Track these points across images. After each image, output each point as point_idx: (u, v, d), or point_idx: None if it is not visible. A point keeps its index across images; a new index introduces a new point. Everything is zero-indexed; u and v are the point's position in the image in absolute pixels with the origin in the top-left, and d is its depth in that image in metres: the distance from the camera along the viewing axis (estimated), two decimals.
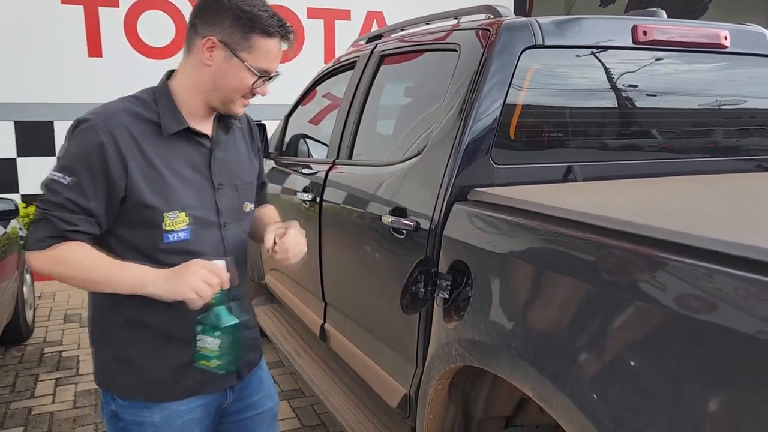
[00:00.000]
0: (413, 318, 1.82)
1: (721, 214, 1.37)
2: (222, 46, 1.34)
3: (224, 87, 1.38)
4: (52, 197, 1.30)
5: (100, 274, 1.31)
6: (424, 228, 1.77)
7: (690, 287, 1.01)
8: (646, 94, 1.99)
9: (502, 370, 1.37)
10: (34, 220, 1.31)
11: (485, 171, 1.75)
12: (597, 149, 1.93)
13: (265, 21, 1.34)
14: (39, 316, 4.54)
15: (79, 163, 1.30)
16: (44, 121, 5.73)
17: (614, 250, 1.16)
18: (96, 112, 1.34)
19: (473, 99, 1.75)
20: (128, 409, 1.42)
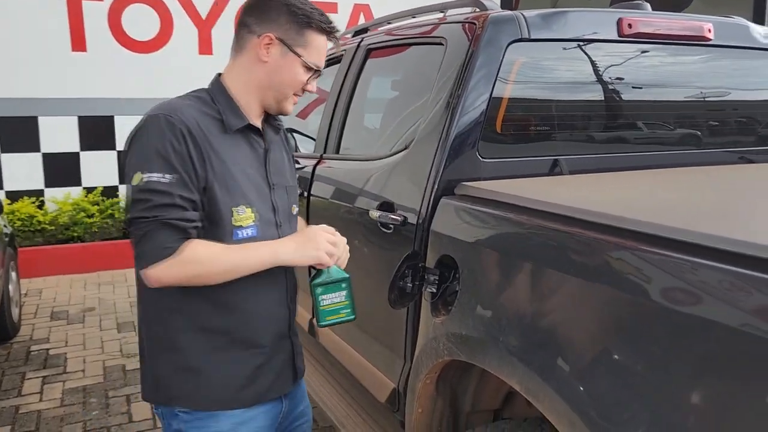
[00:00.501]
0: (401, 313, 1.82)
1: (704, 207, 1.38)
2: (279, 42, 1.38)
3: (279, 83, 1.41)
4: (161, 199, 1.24)
5: (237, 259, 1.32)
6: (412, 222, 1.77)
7: (675, 281, 1.01)
8: (631, 86, 2.00)
9: (490, 365, 1.37)
10: (144, 233, 1.24)
11: (472, 165, 1.74)
12: (583, 142, 1.93)
13: (318, 18, 1.40)
14: (25, 314, 4.50)
15: (172, 158, 1.25)
16: (28, 117, 5.67)
17: (598, 244, 1.17)
18: (164, 108, 1.30)
19: (459, 93, 1.74)
20: (194, 423, 1.39)
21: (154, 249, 1.25)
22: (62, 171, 5.85)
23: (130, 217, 1.26)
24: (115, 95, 5.89)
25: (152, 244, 1.25)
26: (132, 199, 1.26)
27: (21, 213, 5.42)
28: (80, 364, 3.68)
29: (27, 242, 5.42)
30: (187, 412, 1.38)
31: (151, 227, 1.24)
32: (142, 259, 1.26)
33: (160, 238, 1.25)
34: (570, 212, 1.28)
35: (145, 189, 1.24)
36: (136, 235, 1.26)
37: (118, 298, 4.86)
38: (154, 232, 1.24)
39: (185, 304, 1.35)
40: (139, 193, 1.25)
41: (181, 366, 1.37)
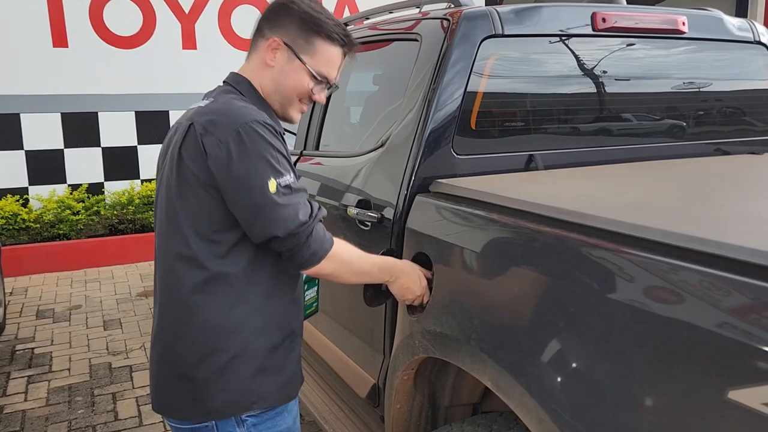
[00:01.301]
0: (380, 309, 1.83)
1: (673, 203, 1.39)
2: (285, 47, 1.39)
3: (284, 88, 1.42)
4: (303, 197, 1.32)
5: (369, 270, 1.49)
6: (389, 219, 1.78)
7: (644, 280, 1.02)
8: (606, 80, 2.01)
9: (463, 362, 1.39)
10: (308, 235, 1.29)
11: (447, 162, 1.75)
12: (558, 137, 1.94)
13: (329, 27, 1.40)
14: (11, 313, 4.49)
15: (287, 158, 1.32)
16: (10, 114, 5.62)
17: (568, 242, 1.18)
18: (250, 113, 1.29)
19: (434, 89, 1.75)
20: (264, 424, 1.39)
21: (320, 245, 1.33)
22: (46, 168, 5.81)
23: (292, 227, 1.28)
24: (99, 91, 5.85)
25: (317, 243, 1.32)
26: (278, 205, 1.26)
27: (4, 211, 5.38)
28: (66, 362, 3.67)
29: (12, 241, 5.39)
30: (255, 415, 1.37)
31: (312, 227, 1.31)
32: (314, 258, 1.33)
33: (320, 234, 1.34)
34: (539, 210, 1.29)
35: (287, 193, 1.28)
36: (301, 241, 1.30)
37: (105, 295, 4.84)
38: (315, 230, 1.32)
39: (264, 305, 1.37)
40: (283, 197, 1.27)
41: (259, 367, 1.36)
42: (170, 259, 1.34)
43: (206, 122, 1.28)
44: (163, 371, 1.39)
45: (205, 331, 1.33)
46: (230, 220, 1.31)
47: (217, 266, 1.32)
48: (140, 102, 6.01)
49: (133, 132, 6.06)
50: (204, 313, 1.32)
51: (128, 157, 6.09)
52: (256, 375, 1.36)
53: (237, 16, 6.25)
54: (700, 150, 2.14)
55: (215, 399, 1.33)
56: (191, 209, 1.31)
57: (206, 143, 1.27)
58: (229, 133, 1.25)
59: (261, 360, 1.37)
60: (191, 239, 1.31)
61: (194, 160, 1.29)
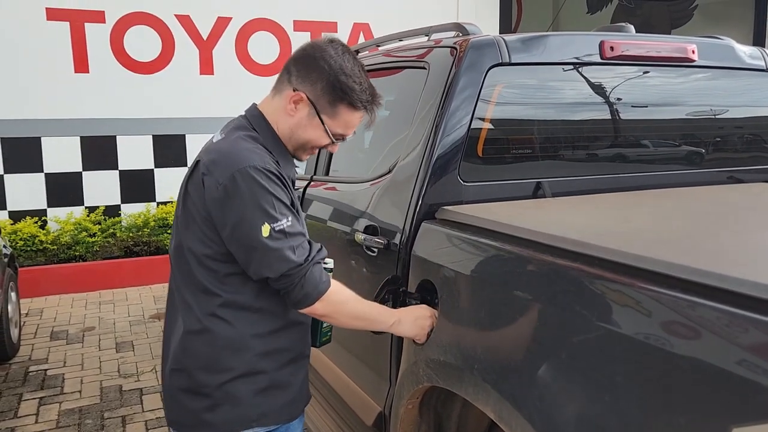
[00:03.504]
0: (386, 336, 1.82)
1: (685, 233, 1.37)
2: (308, 103, 1.41)
3: (299, 138, 1.45)
4: (299, 241, 1.33)
5: (368, 311, 1.49)
6: (395, 245, 1.78)
7: (651, 313, 1.00)
8: (614, 109, 2.01)
9: (466, 392, 1.37)
10: (302, 276, 1.31)
11: (453, 189, 1.75)
12: (566, 164, 1.94)
13: (356, 95, 1.40)
14: (26, 334, 4.52)
15: (283, 201, 1.32)
16: (31, 137, 5.73)
17: (572, 272, 1.17)
18: (250, 157, 1.32)
19: (440, 116, 1.76)
20: None
21: (313, 288, 1.34)
22: (64, 191, 5.90)
23: (284, 269, 1.30)
24: (117, 115, 5.95)
25: (311, 285, 1.34)
26: (270, 248, 1.29)
27: (23, 233, 5.46)
28: (77, 384, 3.69)
29: (29, 262, 5.46)
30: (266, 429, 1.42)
31: (307, 270, 1.32)
32: (307, 300, 1.34)
33: (315, 276, 1.35)
34: (543, 239, 1.28)
35: (280, 237, 1.29)
36: (294, 282, 1.32)
37: (118, 317, 4.87)
38: (310, 273, 1.33)
39: (271, 330, 1.41)
40: (276, 242, 1.29)
41: (263, 386, 1.40)
42: (182, 285, 1.41)
43: (209, 161, 1.34)
44: (172, 384, 1.44)
45: (212, 349, 1.38)
46: (227, 254, 1.36)
47: (223, 292, 1.37)
48: (158, 126, 6.11)
49: (150, 155, 6.15)
50: (211, 333, 1.37)
51: (145, 180, 6.17)
52: (258, 394, 1.40)
53: (254, 43, 6.35)
54: (711, 178, 2.12)
55: (217, 415, 1.38)
56: (193, 239, 1.37)
57: (206, 182, 1.33)
58: (226, 176, 1.30)
59: (265, 381, 1.41)
60: (193, 267, 1.38)
61: (196, 194, 1.36)
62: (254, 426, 1.40)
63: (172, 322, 1.46)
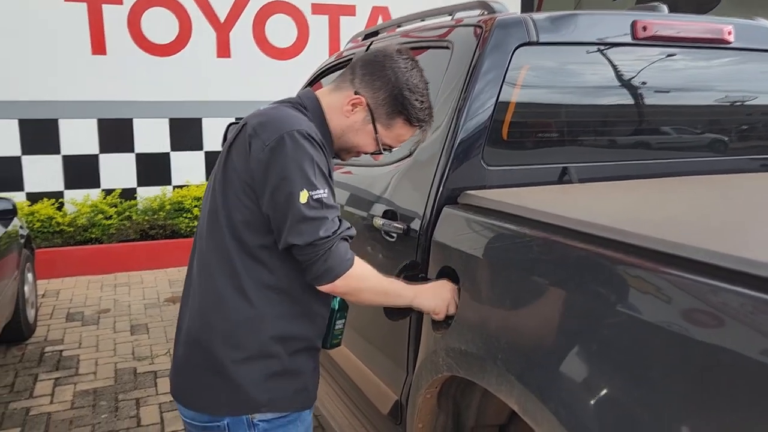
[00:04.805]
0: (404, 324, 1.77)
1: (716, 221, 1.31)
2: (366, 109, 1.40)
3: (348, 140, 1.45)
4: (333, 214, 1.30)
5: (388, 286, 1.43)
6: (415, 231, 1.72)
7: (684, 301, 0.95)
8: (646, 92, 1.93)
9: (488, 382, 1.32)
10: (327, 249, 1.28)
11: (477, 173, 1.69)
12: (594, 149, 1.87)
13: (415, 112, 1.41)
14: (42, 315, 4.54)
15: (324, 172, 1.30)
16: (49, 119, 5.74)
17: (602, 259, 1.11)
18: (294, 123, 1.30)
19: (464, 98, 1.69)
20: (275, 430, 1.38)
21: (338, 263, 1.30)
22: (81, 173, 5.91)
23: (313, 239, 1.26)
24: (134, 98, 5.94)
25: (335, 260, 1.29)
26: (305, 216, 1.26)
27: (40, 214, 5.48)
28: (92, 366, 3.69)
29: (46, 243, 5.48)
30: (267, 420, 1.37)
31: (334, 243, 1.29)
32: (329, 275, 1.30)
33: (341, 252, 1.31)
34: (573, 225, 1.22)
35: (316, 206, 1.27)
36: (319, 254, 1.28)
37: (134, 300, 4.88)
38: (336, 247, 1.29)
39: (290, 313, 1.37)
40: (312, 210, 1.26)
41: (274, 371, 1.36)
42: (209, 251, 1.38)
43: (257, 124, 1.32)
44: (183, 356, 1.41)
45: (227, 325, 1.34)
46: (261, 222, 1.32)
47: (248, 267, 1.34)
48: (174, 109, 6.09)
49: (167, 138, 6.14)
50: (230, 307, 1.34)
51: (161, 164, 6.16)
52: (270, 378, 1.36)
53: (271, 26, 6.29)
54: (744, 165, 2.03)
55: (225, 394, 1.35)
56: (229, 206, 1.34)
57: (252, 144, 1.30)
58: (274, 137, 1.28)
59: (277, 364, 1.37)
60: (226, 235, 1.34)
61: (240, 158, 1.33)
62: (263, 410, 1.36)
63: (190, 293, 1.42)
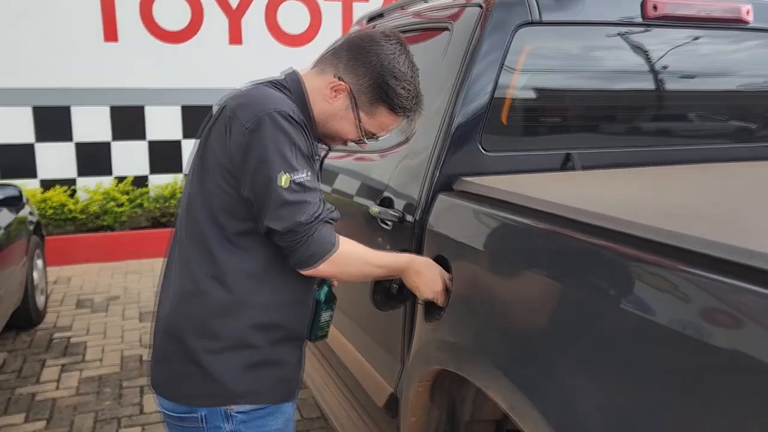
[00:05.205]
0: (398, 314, 1.72)
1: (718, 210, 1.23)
2: (349, 95, 1.34)
3: (330, 127, 1.39)
4: (314, 197, 1.25)
5: (378, 258, 1.38)
6: (410, 220, 1.66)
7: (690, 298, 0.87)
8: (655, 75, 1.83)
9: (477, 378, 1.26)
10: (310, 235, 1.23)
11: (474, 159, 1.62)
12: (599, 135, 1.78)
13: (399, 101, 1.33)
14: (53, 301, 4.56)
15: (306, 154, 1.25)
16: (62, 107, 5.75)
17: (602, 251, 1.03)
18: (279, 103, 1.24)
19: (462, 81, 1.62)
20: (253, 422, 1.34)
21: (320, 248, 1.26)
22: (94, 160, 5.91)
23: (293, 225, 1.22)
24: (146, 85, 5.92)
25: (317, 245, 1.25)
26: (285, 201, 1.21)
27: (53, 201, 5.50)
28: (99, 353, 3.70)
29: (58, 230, 5.50)
30: (245, 412, 1.33)
31: (315, 228, 1.24)
32: (311, 260, 1.26)
33: (323, 236, 1.26)
34: (566, 213, 1.15)
35: (297, 190, 1.22)
36: (300, 239, 1.24)
37: (143, 287, 4.88)
38: (318, 231, 1.25)
39: (270, 301, 1.32)
40: (292, 194, 1.21)
41: (254, 362, 1.32)
42: (187, 238, 1.33)
43: (236, 105, 1.26)
44: (160, 345, 1.37)
45: (204, 314, 1.30)
46: (240, 207, 1.27)
47: (227, 255, 1.29)
48: (186, 96, 6.06)
49: (179, 126, 6.12)
50: (207, 296, 1.29)
51: (172, 151, 6.14)
52: (248, 368, 1.31)
53: (284, 12, 6.22)
54: (760, 153, 1.94)
55: (202, 384, 1.30)
56: (207, 191, 1.29)
57: (231, 126, 1.24)
58: (253, 118, 1.22)
59: (256, 355, 1.32)
60: (204, 222, 1.29)
61: (219, 141, 1.27)
62: (242, 402, 1.31)
63: (168, 282, 1.38)
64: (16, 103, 5.62)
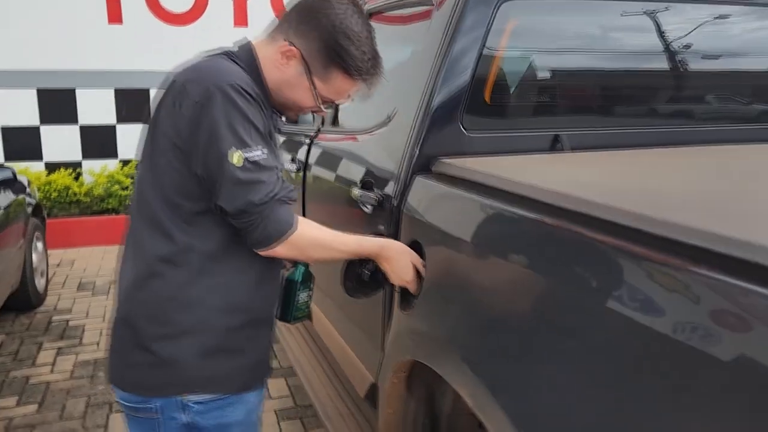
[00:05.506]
0: (378, 299, 1.65)
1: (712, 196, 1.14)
2: (300, 60, 1.26)
3: (285, 96, 1.31)
4: (270, 176, 1.18)
5: (342, 243, 1.32)
6: (388, 203, 1.59)
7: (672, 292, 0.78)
8: (646, 51, 1.73)
9: (443, 369, 1.20)
10: (265, 216, 1.17)
11: (455, 139, 1.54)
12: (589, 115, 1.69)
13: (353, 62, 1.25)
14: (54, 284, 4.56)
15: (260, 129, 1.18)
16: (66, 89, 5.73)
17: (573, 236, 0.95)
18: (231, 75, 1.17)
19: (443, 58, 1.54)
20: (210, 413, 1.27)
21: (276, 229, 1.20)
22: (99, 143, 5.90)
23: (246, 205, 1.15)
24: (151, 68, 5.87)
25: (273, 225, 1.19)
26: (238, 180, 1.14)
27: (57, 184, 5.50)
28: (96, 336, 3.68)
29: (63, 213, 5.51)
30: (202, 402, 1.26)
31: (270, 209, 1.18)
32: (267, 241, 1.20)
33: (280, 216, 1.20)
34: (540, 195, 1.07)
35: (251, 169, 1.15)
36: (254, 220, 1.18)
37: None
38: (274, 212, 1.18)
39: (229, 284, 1.26)
40: (245, 173, 1.14)
41: (211, 348, 1.25)
42: (140, 221, 1.26)
43: (185, 80, 1.18)
44: (114, 333, 1.31)
45: (158, 298, 1.23)
46: (194, 185, 1.20)
47: (183, 236, 1.22)
48: None
49: None
50: (160, 282, 1.22)
51: None
52: (205, 355, 1.25)
53: None
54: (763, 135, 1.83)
55: (158, 374, 1.24)
56: (159, 171, 1.21)
57: (181, 101, 1.16)
58: (202, 92, 1.14)
59: (214, 340, 1.25)
60: (157, 204, 1.22)
61: (168, 118, 1.19)
62: (198, 391, 1.25)
63: (124, 267, 1.31)
64: (20, 86, 5.60)
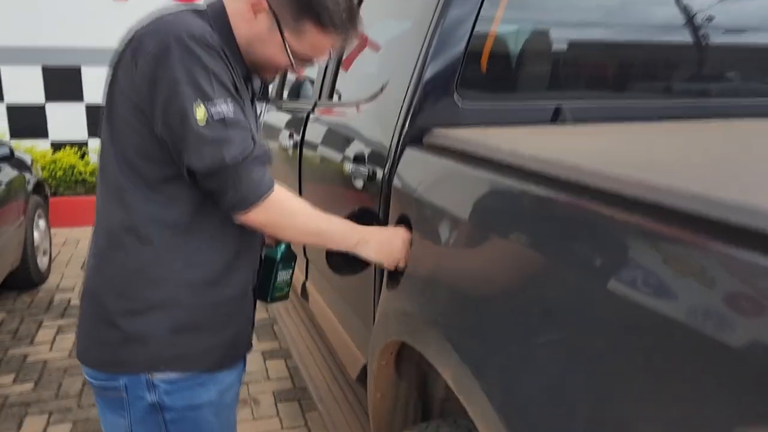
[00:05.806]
0: (369, 274, 1.58)
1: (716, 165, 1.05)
2: (271, 14, 1.16)
3: (257, 55, 1.22)
4: (240, 134, 1.09)
5: (324, 228, 1.24)
6: (380, 177, 1.51)
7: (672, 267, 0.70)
8: (653, 21, 1.63)
9: (427, 350, 1.12)
10: (236, 177, 1.09)
11: (449, 110, 1.46)
12: (592, 87, 1.60)
13: (327, 13, 1.16)
14: (58, 262, 4.55)
15: (225, 82, 1.09)
16: (72, 66, 5.68)
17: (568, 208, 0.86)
18: (191, 26, 1.07)
19: (437, 24, 1.45)
20: (180, 393, 1.21)
21: (252, 190, 1.11)
22: None
23: (217, 165, 1.06)
24: None
25: (248, 187, 1.11)
26: (205, 138, 1.05)
27: (63, 162, 5.48)
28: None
29: (69, 192, 5.49)
30: (170, 381, 1.20)
31: (245, 168, 1.09)
32: (243, 204, 1.12)
33: (255, 177, 1.11)
34: (532, 164, 0.98)
35: (217, 126, 1.06)
36: (227, 182, 1.09)
37: None
38: (249, 172, 1.10)
39: (200, 256, 1.19)
40: (212, 130, 1.06)
41: (180, 323, 1.19)
42: (103, 192, 1.19)
43: (143, 33, 1.09)
44: (82, 308, 1.25)
45: (123, 272, 1.17)
46: (155, 149, 1.12)
47: (146, 204, 1.14)
48: None
49: None
50: (123, 254, 1.16)
51: None
52: (174, 332, 1.18)
53: None
54: None
55: (125, 351, 1.17)
56: (118, 136, 1.13)
57: (137, 56, 1.08)
58: (158, 43, 1.05)
59: (184, 315, 1.19)
60: (118, 171, 1.14)
61: (126, 76, 1.10)
62: (165, 369, 1.18)
63: (92, 239, 1.25)
64: (26, 62, 5.56)
